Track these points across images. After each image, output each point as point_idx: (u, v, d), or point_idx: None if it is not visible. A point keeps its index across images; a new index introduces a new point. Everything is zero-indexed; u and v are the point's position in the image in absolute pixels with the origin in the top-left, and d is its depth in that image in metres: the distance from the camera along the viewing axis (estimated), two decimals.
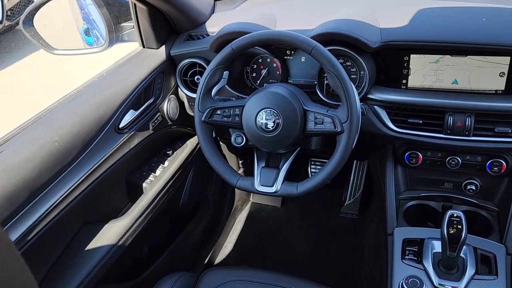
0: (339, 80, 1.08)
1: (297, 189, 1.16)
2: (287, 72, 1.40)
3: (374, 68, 1.28)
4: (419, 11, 1.31)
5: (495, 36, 1.15)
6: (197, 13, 1.49)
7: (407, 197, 1.42)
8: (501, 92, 1.19)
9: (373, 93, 1.28)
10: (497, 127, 1.20)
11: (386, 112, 1.30)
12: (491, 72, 1.18)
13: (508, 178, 1.32)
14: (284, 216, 2.28)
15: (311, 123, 1.14)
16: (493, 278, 1.11)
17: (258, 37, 1.14)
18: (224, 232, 2.13)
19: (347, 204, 2.21)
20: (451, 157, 1.30)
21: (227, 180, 1.22)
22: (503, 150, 1.24)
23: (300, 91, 1.20)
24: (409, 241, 1.24)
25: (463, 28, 1.21)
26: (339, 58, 1.26)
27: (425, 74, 1.24)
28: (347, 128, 1.09)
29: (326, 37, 1.22)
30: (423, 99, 1.23)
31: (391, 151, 1.39)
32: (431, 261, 1.15)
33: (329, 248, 2.06)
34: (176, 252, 1.70)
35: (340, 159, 1.11)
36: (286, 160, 1.23)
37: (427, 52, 1.21)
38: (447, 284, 1.09)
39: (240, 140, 1.29)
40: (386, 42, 1.22)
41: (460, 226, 1.06)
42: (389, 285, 1.14)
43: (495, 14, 1.27)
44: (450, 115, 1.22)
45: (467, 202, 1.37)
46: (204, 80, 1.19)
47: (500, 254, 1.17)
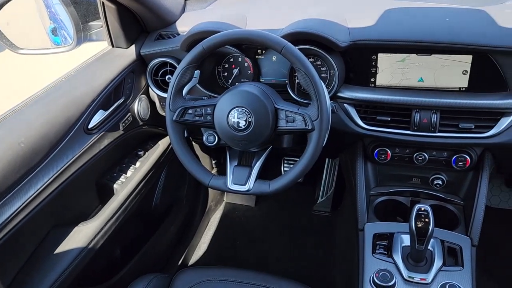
0: (309, 78, 1.09)
1: (269, 187, 1.16)
2: (258, 71, 1.41)
3: (343, 67, 1.30)
4: (386, 11, 1.35)
5: (457, 35, 1.20)
6: (167, 12, 1.48)
7: (377, 193, 1.45)
8: (464, 90, 1.23)
9: (343, 92, 1.31)
10: (461, 123, 1.24)
11: (356, 110, 1.32)
12: (454, 70, 1.22)
13: (472, 172, 1.37)
14: (258, 215, 2.29)
15: (283, 121, 1.15)
16: (460, 269, 1.15)
17: (228, 36, 1.14)
18: (198, 232, 2.12)
19: (319, 202, 2.24)
20: (418, 153, 1.34)
21: (200, 179, 1.22)
22: (467, 145, 1.29)
23: (272, 90, 1.21)
24: (379, 235, 1.27)
25: (427, 28, 1.25)
26: (309, 57, 1.28)
27: (393, 73, 1.27)
28: (318, 126, 1.11)
29: (296, 36, 1.24)
30: (391, 97, 1.27)
31: (361, 148, 1.42)
32: (401, 254, 1.18)
33: (302, 245, 2.08)
34: (149, 253, 1.68)
35: (311, 156, 1.12)
36: (259, 159, 1.23)
37: (394, 51, 1.25)
38: (416, 276, 1.12)
39: (212, 139, 1.28)
40: (355, 42, 1.24)
41: (427, 219, 1.09)
42: (361, 279, 1.16)
43: (457, 15, 1.32)
44: (416, 112, 1.26)
45: (434, 196, 1.41)
46: (175, 79, 1.18)
47: (466, 246, 1.22)
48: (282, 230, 2.18)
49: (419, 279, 1.12)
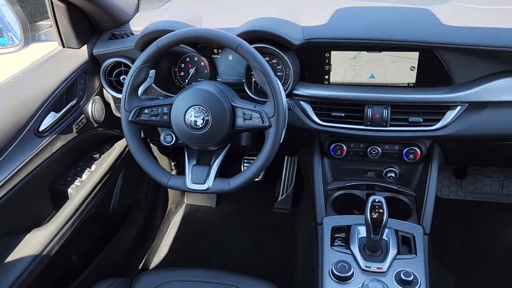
0: (264, 76, 1.11)
1: (229, 185, 1.17)
2: (215, 70, 1.41)
3: (298, 65, 1.33)
4: (338, 10, 1.39)
5: (404, 33, 1.25)
6: (119, 12, 1.45)
7: (334, 187, 1.49)
8: (412, 85, 1.29)
9: (299, 89, 1.33)
10: (410, 117, 1.30)
11: (311, 107, 1.35)
12: (403, 67, 1.27)
13: (422, 164, 1.43)
14: (219, 215, 2.29)
15: (240, 119, 1.16)
16: (413, 256, 1.20)
17: (183, 35, 1.14)
18: (158, 235, 2.09)
19: (280, 200, 2.26)
20: (372, 147, 1.39)
21: (158, 180, 1.20)
22: (417, 138, 1.35)
23: (228, 88, 1.22)
24: (337, 228, 1.30)
25: (376, 26, 1.30)
26: (265, 56, 1.29)
27: (345, 70, 1.31)
28: (275, 123, 1.12)
29: (251, 34, 1.25)
30: (344, 93, 1.31)
31: (317, 144, 1.45)
32: (358, 245, 1.22)
33: (264, 243, 2.10)
34: (108, 258, 1.64)
35: (269, 153, 1.14)
36: (217, 157, 1.24)
37: (346, 49, 1.29)
38: (373, 266, 1.16)
39: (169, 139, 1.27)
40: (308, 40, 1.27)
41: (381, 210, 1.14)
42: (320, 272, 1.19)
43: (404, 13, 1.38)
44: (369, 107, 1.30)
45: (388, 188, 1.47)
46: (130, 79, 1.17)
47: (418, 235, 1.27)
48: (244, 229, 2.19)
49: (375, 268, 1.15)
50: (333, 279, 1.14)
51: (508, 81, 1.22)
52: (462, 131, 1.27)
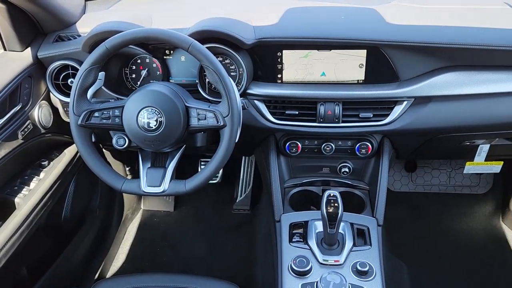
0: (217, 75, 1.11)
1: (185, 186, 1.16)
2: (167, 72, 1.40)
3: (251, 64, 1.34)
4: (287, 11, 1.41)
5: (352, 31, 1.29)
6: (65, 13, 1.40)
7: (291, 185, 1.51)
8: (361, 82, 1.33)
9: (252, 88, 1.34)
10: (361, 113, 1.34)
11: (266, 106, 1.36)
12: (352, 64, 1.31)
13: (374, 159, 1.48)
14: (177, 219, 2.26)
15: (194, 119, 1.15)
16: (368, 247, 1.24)
17: (133, 35, 1.12)
18: (115, 243, 2.03)
19: (239, 201, 2.27)
20: (326, 144, 1.42)
21: (111, 184, 1.17)
22: (368, 133, 1.40)
23: (182, 89, 1.21)
24: (295, 225, 1.32)
25: (325, 26, 1.34)
26: (217, 56, 1.29)
27: (297, 68, 1.33)
28: (229, 122, 1.12)
29: (203, 34, 1.24)
30: (297, 92, 1.33)
31: (273, 142, 1.47)
32: (315, 240, 1.24)
33: (224, 244, 2.09)
34: (61, 269, 1.57)
35: (225, 152, 1.13)
36: (173, 159, 1.22)
37: (297, 48, 1.31)
38: (330, 259, 1.19)
39: (122, 142, 1.24)
40: (260, 39, 1.28)
41: (336, 204, 1.16)
42: (280, 268, 1.20)
43: (351, 13, 1.43)
44: (321, 105, 1.33)
45: (343, 183, 1.51)
46: (78, 82, 1.13)
47: (373, 226, 1.31)
48: (203, 232, 2.18)
49: (333, 261, 1.18)
50: (293, 274, 1.16)
51: (449, 76, 1.29)
52: (409, 125, 1.33)
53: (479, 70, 1.30)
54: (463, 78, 1.29)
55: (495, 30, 1.31)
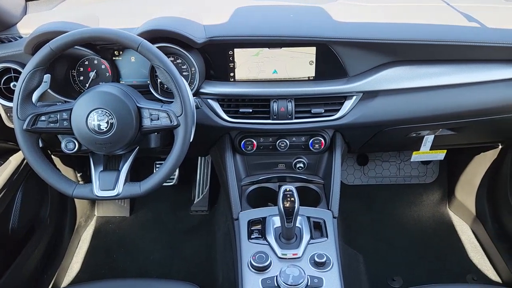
0: (169, 74, 1.10)
1: (140, 188, 1.14)
2: (117, 73, 1.37)
3: (203, 63, 1.33)
4: (238, 9, 1.42)
5: (301, 29, 1.32)
6: (3, 14, 1.33)
7: (248, 182, 1.52)
8: (312, 78, 1.37)
9: (205, 87, 1.34)
10: (313, 109, 1.37)
11: (219, 104, 1.37)
12: (302, 61, 1.34)
13: (327, 153, 1.52)
14: (134, 224, 2.21)
15: (147, 120, 1.13)
16: (325, 239, 1.27)
17: (79, 35, 1.08)
18: (68, 252, 1.95)
19: (196, 202, 2.25)
20: (281, 140, 1.45)
21: (62, 190, 1.13)
22: (320, 128, 1.43)
23: (133, 90, 1.19)
24: (253, 221, 1.33)
25: (275, 24, 1.36)
26: (169, 56, 1.28)
27: (249, 67, 1.35)
28: (183, 121, 1.11)
29: (152, 34, 1.23)
30: (250, 90, 1.34)
31: (228, 141, 1.47)
32: (273, 235, 1.26)
33: (183, 247, 2.07)
34: (10, 283, 1.49)
35: (180, 152, 1.12)
36: (126, 161, 1.19)
37: (248, 46, 1.32)
38: (289, 253, 1.21)
39: (71, 146, 1.20)
40: (211, 38, 1.28)
41: (293, 199, 1.19)
42: (239, 265, 1.21)
43: (299, 11, 1.46)
44: (274, 102, 1.35)
45: (298, 179, 1.54)
46: (21, 84, 1.08)
47: (328, 219, 1.35)
48: (161, 235, 2.14)
49: (291, 255, 1.20)
50: (252, 270, 1.17)
51: (395, 71, 1.35)
52: (359, 119, 1.38)
53: (422, 64, 1.36)
54: (407, 72, 1.35)
55: (434, 26, 1.39)
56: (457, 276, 1.88)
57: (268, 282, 1.13)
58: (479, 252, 1.98)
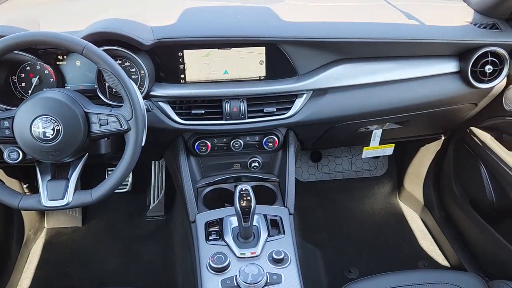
0: (117, 78, 1.07)
1: (91, 196, 1.10)
2: (62, 78, 1.32)
3: (152, 66, 1.31)
4: (185, 11, 1.41)
5: (250, 29, 1.33)
6: None
7: (204, 184, 1.51)
8: (263, 78, 1.38)
9: (156, 90, 1.32)
10: (265, 108, 1.38)
11: (171, 107, 1.35)
12: (252, 61, 1.35)
13: (281, 151, 1.54)
14: (87, 234, 2.13)
15: (96, 125, 1.10)
16: (282, 236, 1.29)
17: (18, 39, 1.03)
18: (16, 268, 1.85)
19: (152, 207, 2.21)
20: (235, 140, 1.45)
21: (7, 202, 1.07)
22: (273, 127, 1.45)
23: (79, 95, 1.15)
24: (211, 223, 1.33)
25: (224, 24, 1.37)
26: (116, 59, 1.24)
27: (200, 68, 1.34)
28: (134, 125, 1.09)
29: (97, 36, 1.19)
30: (201, 91, 1.34)
31: (182, 143, 1.46)
32: (231, 235, 1.26)
33: (140, 254, 2.03)
34: None
35: (132, 157, 1.10)
36: (75, 169, 1.15)
37: (197, 47, 1.31)
38: (247, 252, 1.21)
39: (15, 155, 1.14)
40: (159, 40, 1.27)
41: (249, 198, 1.19)
42: (198, 267, 1.20)
43: (247, 12, 1.47)
44: (226, 102, 1.36)
45: (254, 178, 1.55)
46: None
47: (285, 216, 1.37)
48: (117, 244, 2.08)
49: (250, 254, 1.21)
50: (211, 271, 1.16)
51: (342, 68, 1.39)
52: (310, 116, 1.41)
53: (367, 61, 1.42)
54: (354, 69, 1.40)
55: (377, 24, 1.44)
56: (409, 264, 1.97)
57: (227, 282, 1.13)
58: (428, 239, 2.08)
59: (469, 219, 1.81)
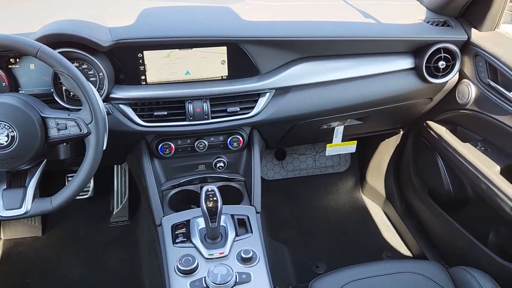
0: (74, 81, 1.04)
1: (51, 204, 1.07)
2: (15, 82, 1.26)
3: (111, 68, 1.28)
4: (144, 11, 1.39)
5: (211, 29, 1.33)
6: None
7: (169, 186, 1.49)
8: (225, 78, 1.38)
9: (116, 92, 1.29)
10: (228, 108, 1.38)
11: (132, 109, 1.33)
12: (214, 61, 1.35)
13: (246, 150, 1.55)
14: (48, 244, 2.06)
15: (53, 130, 1.06)
16: (250, 235, 1.29)
17: None
18: None
19: (116, 213, 2.16)
20: (199, 141, 1.44)
21: None
22: (237, 126, 1.45)
23: (35, 99, 1.11)
24: (177, 225, 1.31)
25: (184, 24, 1.35)
26: (73, 61, 1.21)
27: (161, 69, 1.32)
28: (94, 129, 1.06)
29: (52, 38, 1.15)
30: (163, 92, 1.32)
31: (145, 146, 1.43)
32: (199, 237, 1.25)
33: (105, 261, 1.97)
34: None
35: (93, 161, 1.07)
36: (33, 176, 1.11)
37: (158, 48, 1.29)
38: (215, 252, 1.21)
39: None
40: (117, 41, 1.24)
41: (215, 198, 1.19)
42: (166, 271, 1.18)
43: (207, 12, 1.47)
44: (189, 103, 1.34)
45: (220, 178, 1.54)
46: None
47: (252, 214, 1.37)
48: (80, 252, 2.02)
49: (218, 254, 1.20)
50: (180, 274, 1.15)
51: (303, 67, 1.41)
52: (273, 115, 1.42)
53: (328, 59, 1.44)
54: (314, 67, 1.42)
55: (337, 23, 1.47)
56: (374, 255, 2.02)
57: (196, 284, 1.12)
58: (391, 231, 2.15)
59: (428, 210, 1.88)
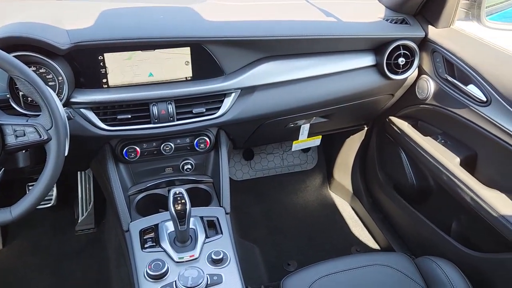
0: (32, 85, 1.00)
1: (11, 214, 1.02)
2: None
3: (71, 71, 1.24)
4: (103, 12, 1.35)
5: (173, 30, 1.31)
6: None
7: (135, 191, 1.46)
8: (190, 79, 1.36)
9: (76, 96, 1.25)
10: (194, 109, 1.37)
11: (94, 113, 1.29)
12: (178, 62, 1.33)
13: (214, 152, 1.54)
14: (9, 256, 1.97)
15: (11, 137, 1.02)
16: (220, 236, 1.29)
17: None
18: None
19: (81, 221, 2.10)
20: (165, 144, 1.42)
21: None
22: (204, 128, 1.44)
23: None
24: (145, 230, 1.29)
25: (145, 26, 1.33)
26: (30, 66, 1.16)
27: (123, 71, 1.29)
28: (54, 134, 1.03)
29: (6, 41, 1.11)
30: (126, 95, 1.29)
31: (109, 151, 1.40)
32: (168, 241, 1.23)
33: (71, 271, 1.91)
34: None
35: (54, 169, 1.03)
36: None
37: (119, 50, 1.26)
38: (185, 256, 1.19)
39: None
40: (76, 44, 1.20)
41: (183, 201, 1.18)
42: (135, 277, 1.16)
43: (169, 12, 1.45)
44: (153, 105, 1.32)
45: (188, 180, 1.53)
46: None
47: (221, 216, 1.36)
48: (44, 263, 1.95)
49: (188, 257, 1.19)
50: (150, 280, 1.13)
51: (268, 66, 1.42)
52: (240, 115, 1.42)
53: (291, 58, 1.46)
54: (279, 66, 1.43)
55: (299, 22, 1.49)
56: (343, 250, 2.06)
57: None
58: (359, 226, 2.19)
59: (394, 203, 1.93)
